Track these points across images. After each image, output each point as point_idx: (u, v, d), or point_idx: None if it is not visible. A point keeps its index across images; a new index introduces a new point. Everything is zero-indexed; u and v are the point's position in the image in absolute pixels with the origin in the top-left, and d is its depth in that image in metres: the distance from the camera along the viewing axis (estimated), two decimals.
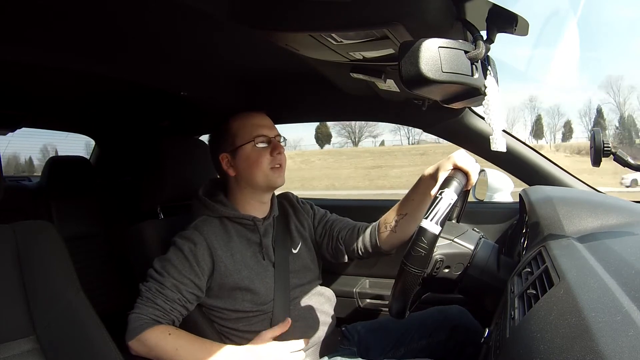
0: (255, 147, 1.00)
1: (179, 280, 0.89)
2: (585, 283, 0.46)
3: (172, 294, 0.88)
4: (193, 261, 0.92)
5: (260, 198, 1.03)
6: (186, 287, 0.90)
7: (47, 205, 1.73)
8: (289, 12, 0.66)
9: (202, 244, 0.94)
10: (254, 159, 0.99)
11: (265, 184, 1.01)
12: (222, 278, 0.94)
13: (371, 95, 1.17)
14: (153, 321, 0.86)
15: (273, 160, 1.00)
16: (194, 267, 0.91)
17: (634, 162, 0.68)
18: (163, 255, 0.94)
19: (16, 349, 0.68)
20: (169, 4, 0.71)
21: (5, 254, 0.72)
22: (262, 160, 0.99)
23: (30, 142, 1.75)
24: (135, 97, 1.51)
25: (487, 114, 0.60)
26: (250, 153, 1.00)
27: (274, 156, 1.00)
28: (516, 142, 1.24)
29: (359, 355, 1.04)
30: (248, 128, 1.01)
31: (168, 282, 0.89)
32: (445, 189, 0.71)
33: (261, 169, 0.99)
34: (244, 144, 1.00)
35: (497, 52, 0.62)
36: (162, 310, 0.87)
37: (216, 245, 0.95)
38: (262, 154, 0.99)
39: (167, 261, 0.92)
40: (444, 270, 0.86)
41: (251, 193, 1.02)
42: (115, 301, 1.72)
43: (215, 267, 0.94)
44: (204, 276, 0.92)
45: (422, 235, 0.66)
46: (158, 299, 0.87)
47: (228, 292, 0.95)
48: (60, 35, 0.89)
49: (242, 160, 1.00)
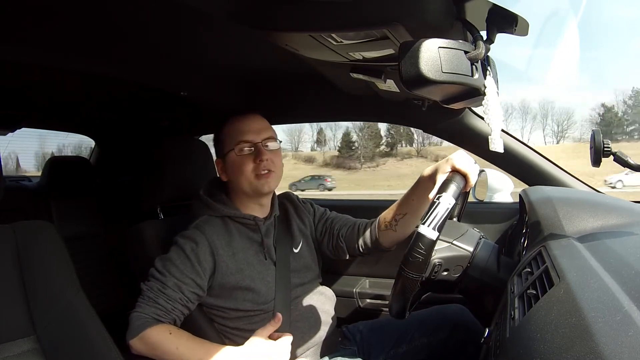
0: (237, 155, 0.98)
1: (181, 280, 0.89)
2: (585, 283, 0.46)
3: (174, 294, 0.88)
4: (195, 261, 0.91)
5: (256, 201, 1.03)
6: (188, 286, 0.90)
7: (47, 205, 1.73)
8: (288, 13, 0.66)
9: (203, 244, 0.93)
10: (237, 167, 0.98)
11: (251, 191, 1.00)
12: (224, 277, 0.94)
13: (371, 95, 1.17)
14: (154, 320, 0.85)
15: (257, 167, 0.97)
16: (195, 267, 0.91)
17: (634, 163, 0.68)
18: (165, 255, 0.94)
19: (16, 349, 0.68)
20: (169, 4, 0.72)
21: (5, 254, 0.72)
22: (245, 167, 0.97)
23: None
24: (135, 97, 1.51)
25: (486, 114, 0.60)
26: (234, 160, 0.99)
27: (257, 163, 0.97)
28: (516, 142, 1.24)
29: (360, 354, 1.05)
30: (232, 134, 1.00)
31: (170, 281, 0.89)
32: (443, 193, 0.70)
33: (245, 177, 0.98)
34: (228, 151, 0.99)
35: (495, 52, 0.62)
36: (164, 310, 0.87)
37: (218, 245, 0.94)
38: (244, 161, 0.97)
39: (169, 261, 0.91)
40: (442, 273, 0.86)
41: (246, 197, 1.02)
42: (115, 301, 1.72)
43: (217, 267, 0.94)
44: (205, 275, 0.92)
45: (420, 241, 0.65)
46: (160, 298, 0.87)
47: (229, 292, 0.95)
48: (61, 36, 0.89)
49: (228, 167, 1.00)
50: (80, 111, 1.75)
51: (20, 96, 1.45)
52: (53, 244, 0.78)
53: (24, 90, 1.38)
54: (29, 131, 1.90)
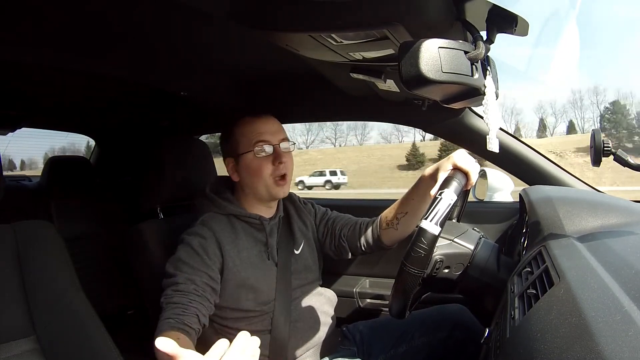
0: (256, 156, 0.97)
1: (192, 274, 0.87)
2: (585, 283, 0.46)
3: (187, 287, 0.85)
4: (203, 254, 0.90)
5: (265, 203, 1.03)
6: (200, 277, 0.87)
7: (47, 205, 1.73)
8: (288, 13, 0.66)
9: (211, 238, 0.93)
10: (255, 169, 0.97)
11: (266, 195, 0.99)
12: (229, 274, 0.93)
13: (371, 95, 1.17)
14: (173, 322, 0.80)
15: (275, 171, 0.97)
16: (205, 260, 0.89)
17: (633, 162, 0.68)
18: (173, 256, 0.91)
19: (16, 349, 0.68)
20: (169, 4, 0.72)
21: (5, 254, 0.72)
22: (264, 170, 0.96)
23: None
24: (135, 97, 1.51)
25: (485, 113, 0.60)
26: (250, 162, 0.97)
27: (276, 166, 0.96)
28: (516, 142, 1.24)
29: (360, 354, 1.05)
30: (249, 135, 0.98)
31: (181, 278, 0.86)
32: (445, 189, 0.71)
33: (262, 180, 0.97)
34: (245, 152, 0.98)
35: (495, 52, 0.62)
36: (182, 306, 0.82)
37: (224, 241, 0.94)
38: (263, 164, 0.96)
39: (178, 260, 0.90)
40: (443, 270, 0.86)
41: (256, 199, 1.01)
42: (115, 301, 1.72)
43: (225, 262, 0.93)
44: (216, 268, 0.91)
45: (422, 235, 0.66)
46: (175, 297, 0.84)
47: (232, 290, 0.94)
48: (61, 36, 0.89)
49: (243, 168, 0.99)
50: (80, 111, 1.75)
51: (20, 96, 1.45)
52: (53, 244, 0.78)
53: (24, 90, 1.38)
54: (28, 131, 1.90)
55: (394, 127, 38.31)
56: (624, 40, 78.23)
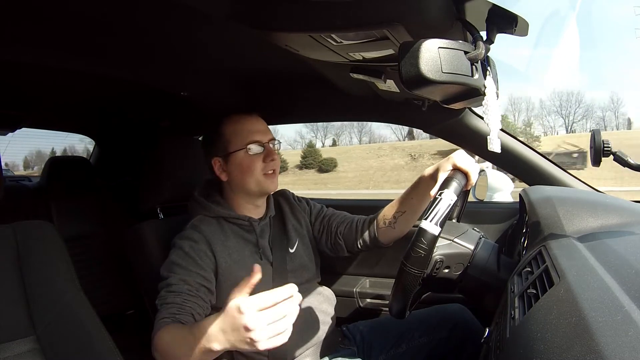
0: (247, 154, 0.99)
1: (185, 275, 0.88)
2: (585, 283, 0.46)
3: (180, 287, 0.86)
4: (196, 256, 0.91)
5: (253, 202, 1.03)
6: (193, 278, 0.88)
7: (47, 205, 1.73)
8: (288, 13, 0.66)
9: (202, 241, 0.94)
10: (247, 166, 0.98)
11: (257, 190, 1.00)
12: (223, 274, 0.94)
13: (371, 95, 1.17)
14: (169, 320, 0.81)
15: (266, 167, 0.99)
16: (197, 262, 0.91)
17: (633, 162, 0.68)
18: (166, 260, 0.93)
19: (16, 349, 0.68)
20: (168, 4, 0.71)
21: (5, 254, 0.72)
22: (255, 167, 0.98)
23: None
24: (135, 97, 1.51)
25: (486, 114, 0.60)
26: (242, 160, 0.99)
27: (267, 162, 0.99)
28: (516, 142, 1.24)
29: (360, 354, 1.05)
30: (241, 134, 1.00)
31: (174, 279, 0.87)
32: (445, 189, 0.71)
33: (253, 176, 0.99)
34: (236, 150, 0.99)
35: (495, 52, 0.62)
36: (177, 305, 0.83)
37: (215, 243, 0.95)
38: (254, 160, 0.99)
39: (171, 263, 0.91)
40: (443, 270, 0.86)
41: (244, 197, 1.02)
42: (115, 301, 1.72)
43: (218, 263, 0.94)
44: (209, 269, 0.92)
45: (422, 236, 0.66)
46: (168, 297, 0.85)
47: (228, 290, 0.93)
48: (61, 35, 0.89)
49: (234, 166, 1.00)
50: (80, 111, 1.75)
51: (20, 96, 1.45)
52: (53, 244, 0.78)
53: (24, 90, 1.38)
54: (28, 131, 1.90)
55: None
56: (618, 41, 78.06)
